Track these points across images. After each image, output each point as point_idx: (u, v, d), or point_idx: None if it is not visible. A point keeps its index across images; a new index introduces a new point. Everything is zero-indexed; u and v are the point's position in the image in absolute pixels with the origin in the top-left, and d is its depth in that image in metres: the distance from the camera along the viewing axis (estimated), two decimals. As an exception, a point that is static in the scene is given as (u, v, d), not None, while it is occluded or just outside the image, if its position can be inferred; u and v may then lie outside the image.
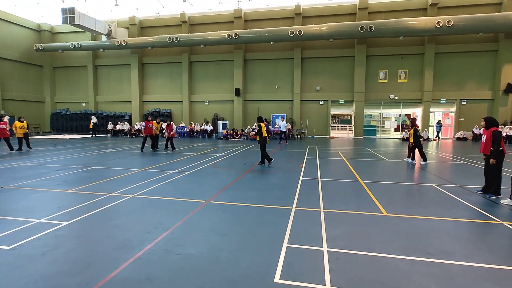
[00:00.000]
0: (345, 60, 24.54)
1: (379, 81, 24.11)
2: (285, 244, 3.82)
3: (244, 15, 25.42)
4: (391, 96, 23.83)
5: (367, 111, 24.99)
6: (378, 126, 25.43)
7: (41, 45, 28.18)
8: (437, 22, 19.80)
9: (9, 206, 5.35)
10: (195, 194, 6.32)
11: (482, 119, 6.46)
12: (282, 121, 20.75)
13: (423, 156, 10.78)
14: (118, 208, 5.32)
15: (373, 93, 24.15)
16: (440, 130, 22.79)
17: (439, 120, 23.22)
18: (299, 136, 23.16)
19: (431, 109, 23.53)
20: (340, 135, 27.58)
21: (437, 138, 22.80)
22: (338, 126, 37.06)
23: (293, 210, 5.23)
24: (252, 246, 3.78)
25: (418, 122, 23.93)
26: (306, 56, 24.97)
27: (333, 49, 24.47)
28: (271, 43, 23.69)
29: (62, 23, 23.31)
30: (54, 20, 30.06)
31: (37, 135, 25.78)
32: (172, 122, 14.75)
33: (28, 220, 4.59)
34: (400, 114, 24.86)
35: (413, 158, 11.25)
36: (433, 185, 7.40)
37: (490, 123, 6.29)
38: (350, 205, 5.60)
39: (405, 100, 24.00)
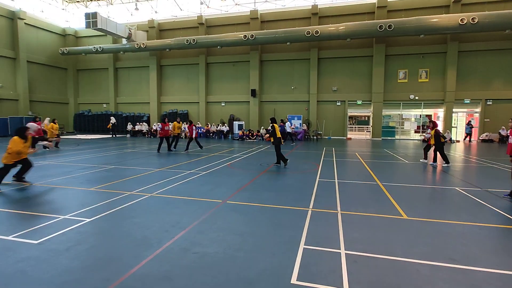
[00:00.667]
0: (363, 60, 24.09)
1: (399, 81, 23.50)
2: (302, 246, 3.78)
3: (260, 16, 25.48)
4: (411, 96, 23.16)
5: (385, 111, 24.40)
6: (397, 127, 24.79)
7: (66, 49, 29.39)
8: (461, 20, 19.07)
9: (36, 203, 5.60)
10: (212, 194, 6.39)
11: (510, 120, 6.17)
12: (287, 122, 20.99)
13: (445, 159, 10.39)
14: (137, 206, 5.46)
15: (392, 94, 23.56)
16: (470, 131, 21.76)
17: (469, 121, 22.20)
18: (315, 137, 22.93)
19: (454, 110, 22.67)
20: (358, 136, 27.07)
21: (469, 140, 21.77)
22: (355, 127, 36.43)
23: (309, 212, 5.18)
24: (268, 246, 3.78)
25: (440, 123, 23.18)
26: (323, 57, 24.71)
27: (351, 49, 24.08)
28: (288, 43, 23.61)
29: (86, 27, 24.22)
30: (78, 24, 31.29)
31: (61, 135, 26.84)
32: (192, 123, 14.90)
33: (54, 216, 4.79)
34: (420, 115, 24.13)
35: (435, 160, 10.86)
36: (456, 188, 7.12)
37: (519, 124, 6.00)
38: (368, 207, 5.49)
39: (426, 101, 23.25)
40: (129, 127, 27.20)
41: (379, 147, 17.43)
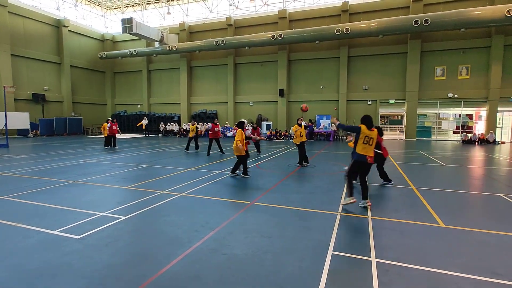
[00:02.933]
0: (396, 57, 23.06)
1: (436, 78, 22.20)
2: (330, 251, 3.72)
3: (289, 15, 25.30)
4: (450, 95, 21.79)
5: (420, 111, 23.18)
6: (434, 127, 23.43)
7: (104, 53, 31.22)
8: (508, 11, 17.58)
9: (78, 200, 6.02)
10: (240, 195, 6.47)
11: None
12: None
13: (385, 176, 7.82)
14: (168, 205, 5.68)
15: (428, 92, 22.32)
16: None
17: None
18: (345, 138, 22.34)
19: (499, 109, 20.97)
20: (390, 136, 25.96)
21: None
22: (387, 127, 35.04)
23: (338, 216, 5.08)
24: (296, 250, 3.76)
25: (482, 123, 21.60)
26: (353, 55, 24.00)
27: (383, 46, 23.15)
28: (316, 42, 23.23)
29: (122, 32, 25.57)
30: (115, 29, 33.12)
31: (100, 135, 28.61)
32: (257, 126, 14.75)
33: (93, 213, 5.13)
34: (460, 114, 22.60)
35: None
36: (501, 195, 6.61)
37: None
38: (401, 213, 5.26)
39: (467, 99, 21.74)
40: (161, 127, 28.29)
41: (414, 148, 16.60)
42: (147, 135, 27.02)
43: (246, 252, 3.73)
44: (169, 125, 28.23)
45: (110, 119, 16.70)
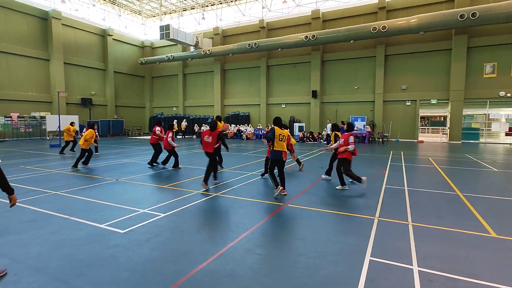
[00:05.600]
0: (438, 55, 21.64)
1: (485, 76, 20.47)
2: (368, 257, 3.59)
3: (322, 15, 24.87)
4: (501, 93, 19.95)
5: (467, 111, 21.49)
6: (483, 129, 21.59)
7: (144, 59, 33.01)
8: None
9: (122, 197, 6.43)
10: (273, 196, 6.47)
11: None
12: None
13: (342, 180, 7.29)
14: (204, 205, 5.85)
15: (475, 91, 20.64)
16: None
17: None
18: (380, 140, 21.42)
19: (561, 108, 18.81)
20: (431, 139, 24.42)
21: None
22: (428, 128, 33.10)
23: (376, 221, 4.88)
24: (331, 254, 3.68)
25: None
26: (391, 53, 22.94)
27: (424, 43, 21.84)
28: (351, 41, 22.55)
29: (160, 39, 26.84)
30: (153, 36, 34.88)
31: (139, 136, 30.29)
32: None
33: (135, 209, 5.44)
34: (513, 115, 20.60)
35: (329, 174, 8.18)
36: None
37: None
38: (445, 220, 4.93)
39: (521, 98, 19.76)
40: (196, 128, 29.19)
41: (459, 152, 15.44)
42: (183, 137, 28.05)
43: (279, 253, 3.73)
44: (203, 127, 29.01)
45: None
